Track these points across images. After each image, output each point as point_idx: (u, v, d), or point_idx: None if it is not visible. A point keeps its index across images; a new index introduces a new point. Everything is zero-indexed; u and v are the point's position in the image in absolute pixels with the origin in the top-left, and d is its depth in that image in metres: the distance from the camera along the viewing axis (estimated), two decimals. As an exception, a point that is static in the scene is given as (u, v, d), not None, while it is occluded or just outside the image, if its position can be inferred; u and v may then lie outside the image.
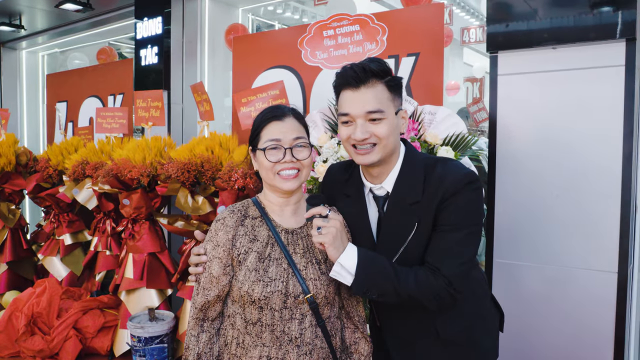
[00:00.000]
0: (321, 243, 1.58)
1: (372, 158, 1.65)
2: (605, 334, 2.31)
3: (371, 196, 1.78)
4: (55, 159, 4.05)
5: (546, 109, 2.42)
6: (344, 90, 1.68)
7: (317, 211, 1.60)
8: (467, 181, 1.63)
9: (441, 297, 1.62)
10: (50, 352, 3.33)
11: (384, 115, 1.63)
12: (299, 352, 1.59)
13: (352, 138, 1.66)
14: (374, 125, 1.64)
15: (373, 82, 1.64)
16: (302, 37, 3.07)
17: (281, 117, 1.67)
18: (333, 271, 1.61)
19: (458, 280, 1.62)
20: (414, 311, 1.73)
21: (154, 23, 4.41)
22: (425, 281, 1.61)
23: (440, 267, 1.62)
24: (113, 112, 4.03)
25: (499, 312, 1.96)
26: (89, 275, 4.01)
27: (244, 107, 3.05)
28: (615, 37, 2.22)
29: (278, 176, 1.63)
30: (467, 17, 7.34)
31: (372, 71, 1.64)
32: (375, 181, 1.75)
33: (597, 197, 2.32)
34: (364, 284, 1.60)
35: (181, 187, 3.05)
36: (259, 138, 1.67)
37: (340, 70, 1.70)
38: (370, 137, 1.64)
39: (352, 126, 1.66)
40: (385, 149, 1.66)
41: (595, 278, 2.33)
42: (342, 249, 1.60)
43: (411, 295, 1.61)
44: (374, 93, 1.64)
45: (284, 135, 1.64)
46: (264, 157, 1.63)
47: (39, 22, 5.98)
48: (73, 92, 5.25)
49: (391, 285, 1.60)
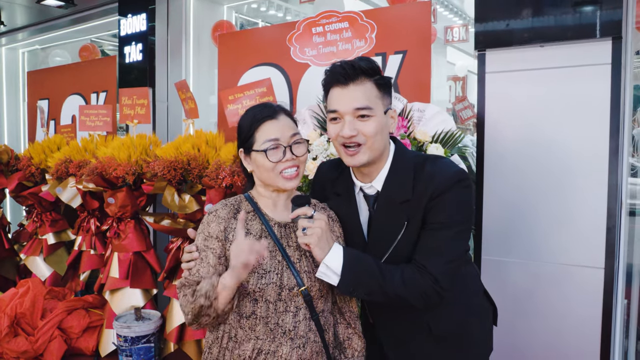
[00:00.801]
0: (306, 244, 1.58)
1: (360, 159, 1.64)
2: (592, 328, 2.34)
3: (361, 195, 1.78)
4: (38, 157, 3.99)
5: (533, 107, 2.45)
6: (333, 87, 1.67)
7: (302, 212, 1.59)
8: (457, 179, 1.63)
9: (428, 295, 1.62)
10: (34, 353, 3.29)
11: (372, 112, 1.62)
12: (292, 345, 1.59)
13: (340, 135, 1.65)
14: (362, 123, 1.62)
15: (362, 79, 1.63)
16: (291, 33, 3.06)
17: (275, 116, 1.65)
18: (319, 272, 1.61)
19: (445, 278, 1.61)
20: (406, 309, 1.73)
21: (138, 20, 4.36)
22: (411, 279, 1.61)
23: (426, 265, 1.61)
24: (97, 110, 3.98)
25: (492, 307, 1.97)
26: (73, 275, 3.96)
27: (230, 104, 3.04)
28: (601, 35, 2.25)
29: (281, 176, 1.61)
30: (451, 16, 7.37)
31: (361, 69, 1.63)
32: (365, 180, 1.75)
33: (583, 194, 2.34)
34: (350, 283, 1.60)
35: (167, 185, 3.03)
36: (253, 139, 1.64)
37: (329, 67, 1.69)
38: (358, 135, 1.62)
39: (340, 123, 1.65)
40: (372, 149, 1.65)
41: (582, 273, 2.35)
42: (328, 249, 1.59)
43: (398, 293, 1.61)
44: (363, 90, 1.63)
45: (282, 133, 1.63)
46: (265, 158, 1.60)
47: (19, 18, 5.87)
48: (55, 89, 5.18)
49: (377, 284, 1.60)
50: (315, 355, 1.65)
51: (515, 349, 2.52)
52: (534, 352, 2.48)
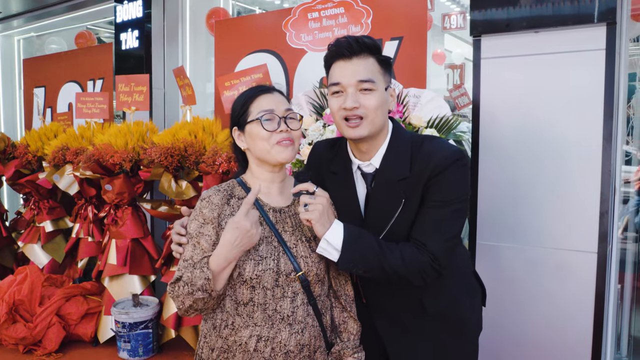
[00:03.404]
0: (308, 220, 1.59)
1: (361, 131, 1.66)
2: (585, 312, 2.37)
3: (359, 173, 1.80)
4: (35, 144, 4.00)
5: (528, 93, 2.45)
6: (337, 61, 1.70)
7: (304, 187, 1.61)
8: (455, 158, 1.65)
9: (426, 273, 1.64)
10: (33, 339, 3.31)
11: (374, 86, 1.65)
12: (290, 331, 1.60)
13: (342, 108, 1.66)
14: (364, 96, 1.65)
15: (365, 54, 1.67)
16: (286, 19, 3.06)
17: (270, 91, 1.67)
18: (319, 247, 1.62)
19: (443, 256, 1.64)
20: (400, 287, 1.75)
21: (134, 6, 4.34)
22: (410, 257, 1.63)
23: (426, 242, 1.64)
24: (93, 97, 3.97)
25: (481, 287, 2.00)
26: (71, 262, 3.98)
27: (227, 90, 3.04)
28: (595, 21, 2.25)
29: (276, 145, 1.61)
30: (448, 3, 7.35)
31: (365, 44, 1.66)
32: (363, 158, 1.77)
33: (577, 179, 2.36)
34: (350, 259, 1.62)
35: (164, 172, 3.04)
36: (248, 113, 1.64)
37: (333, 42, 1.72)
38: (360, 107, 1.65)
39: (343, 96, 1.67)
40: (373, 124, 1.67)
41: (575, 258, 2.37)
42: (329, 226, 1.61)
43: (397, 270, 1.63)
44: (366, 64, 1.66)
45: (277, 106, 1.64)
46: (260, 127, 1.60)
47: (14, 5, 5.83)
48: (51, 77, 5.16)
49: (377, 260, 1.62)
50: (314, 339, 1.66)
51: (509, 333, 2.55)
52: (527, 336, 2.51)
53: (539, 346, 2.49)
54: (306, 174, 1.65)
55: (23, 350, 3.35)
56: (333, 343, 1.75)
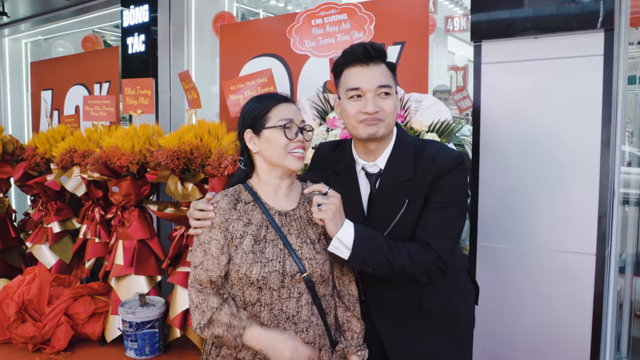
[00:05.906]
0: (321, 219, 1.65)
1: (379, 129, 1.74)
2: (584, 314, 2.40)
3: (363, 173, 1.86)
4: (43, 147, 4.05)
5: (528, 97, 2.49)
6: (352, 66, 1.76)
7: (317, 188, 1.66)
8: (457, 162, 1.75)
9: (432, 271, 1.73)
10: (42, 338, 3.37)
11: (391, 90, 1.75)
12: (295, 330, 1.65)
13: (362, 112, 1.73)
14: (383, 100, 1.73)
15: (379, 61, 1.76)
16: (290, 25, 3.10)
17: (288, 101, 1.74)
18: (331, 246, 1.69)
19: (447, 254, 1.73)
20: (398, 285, 1.82)
21: (141, 11, 4.39)
22: (417, 256, 1.71)
23: (431, 242, 1.72)
24: (100, 100, 4.03)
25: (474, 286, 2.07)
26: (78, 263, 4.03)
27: (232, 94, 3.09)
28: (595, 27, 2.28)
29: (290, 155, 1.67)
30: (452, 5, 7.39)
31: (380, 50, 1.75)
32: (369, 158, 1.83)
33: (576, 182, 2.40)
34: (360, 257, 1.69)
35: (171, 174, 3.09)
36: (267, 118, 1.69)
37: (347, 48, 1.79)
38: (380, 111, 1.73)
39: (362, 101, 1.74)
40: (389, 126, 1.76)
41: (574, 260, 2.41)
42: (341, 225, 1.68)
43: (405, 269, 1.70)
44: (381, 70, 1.75)
45: (295, 116, 1.70)
46: (281, 134, 1.66)
47: (21, 8, 5.90)
48: (58, 80, 5.22)
49: (386, 259, 1.69)
50: (318, 338, 1.71)
51: (509, 334, 2.59)
52: (527, 337, 2.55)
53: (538, 347, 2.53)
54: (318, 176, 1.71)
55: (32, 349, 3.40)
56: (337, 341, 1.80)
